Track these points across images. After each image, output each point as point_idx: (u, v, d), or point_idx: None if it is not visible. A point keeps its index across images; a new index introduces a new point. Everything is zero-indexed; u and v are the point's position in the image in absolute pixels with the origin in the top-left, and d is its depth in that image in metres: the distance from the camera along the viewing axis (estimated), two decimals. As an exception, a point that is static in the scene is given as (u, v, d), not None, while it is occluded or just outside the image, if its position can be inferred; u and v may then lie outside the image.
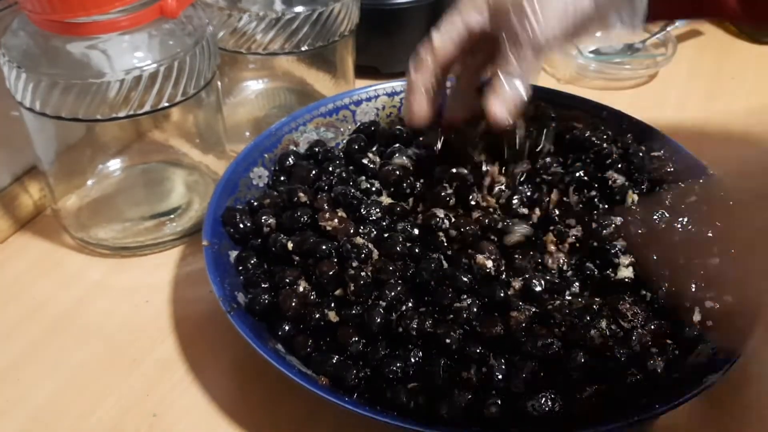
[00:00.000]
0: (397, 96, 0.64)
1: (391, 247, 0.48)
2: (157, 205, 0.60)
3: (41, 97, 0.48)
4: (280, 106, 0.72)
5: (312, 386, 0.41)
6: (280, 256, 0.50)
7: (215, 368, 0.49)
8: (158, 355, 0.49)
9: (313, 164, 0.57)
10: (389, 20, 0.74)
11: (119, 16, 0.47)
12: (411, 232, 0.50)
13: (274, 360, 0.42)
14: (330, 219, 0.50)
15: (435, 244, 0.49)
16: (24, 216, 0.60)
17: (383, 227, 0.51)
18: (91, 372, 0.48)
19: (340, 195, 0.52)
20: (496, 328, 0.44)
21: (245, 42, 0.60)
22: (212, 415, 0.46)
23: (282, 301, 0.46)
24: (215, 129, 0.60)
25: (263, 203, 0.54)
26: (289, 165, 0.57)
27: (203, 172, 0.62)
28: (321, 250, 0.48)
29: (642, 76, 0.80)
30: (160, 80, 0.49)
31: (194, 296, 0.53)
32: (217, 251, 0.50)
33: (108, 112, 0.49)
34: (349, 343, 0.45)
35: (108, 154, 0.62)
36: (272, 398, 0.46)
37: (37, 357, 0.49)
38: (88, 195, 0.60)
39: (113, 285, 0.55)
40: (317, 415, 0.45)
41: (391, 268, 0.47)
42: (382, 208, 0.52)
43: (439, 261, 0.48)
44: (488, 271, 0.47)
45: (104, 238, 0.57)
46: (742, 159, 0.41)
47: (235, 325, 0.44)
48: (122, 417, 0.45)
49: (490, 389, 0.42)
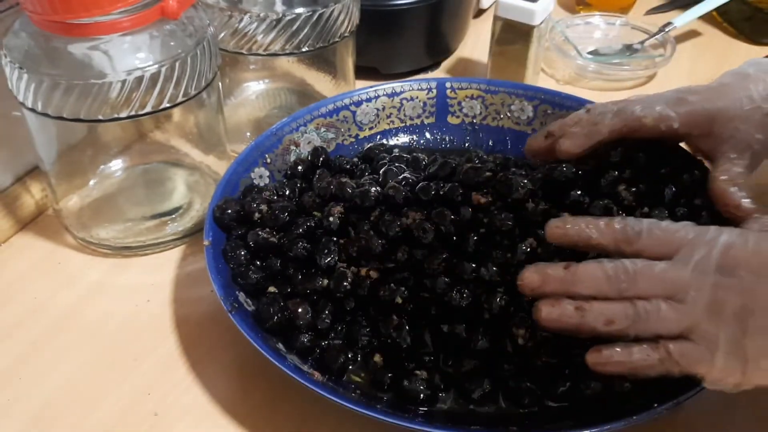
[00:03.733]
0: (397, 97, 0.64)
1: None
2: (159, 205, 0.60)
3: (43, 98, 0.48)
4: (281, 106, 0.72)
5: (312, 385, 0.41)
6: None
7: (216, 367, 0.49)
8: (159, 355, 0.50)
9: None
10: (389, 21, 0.74)
11: (121, 17, 0.47)
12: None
13: (274, 359, 0.42)
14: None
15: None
16: (26, 216, 0.60)
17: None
18: (92, 371, 0.49)
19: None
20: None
21: (246, 43, 0.60)
22: (213, 414, 0.46)
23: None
24: (216, 129, 0.60)
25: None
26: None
27: (204, 173, 0.62)
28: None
29: (641, 76, 0.80)
30: (162, 81, 0.49)
31: (195, 296, 0.54)
32: (218, 251, 0.50)
33: (109, 113, 0.49)
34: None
35: (109, 155, 0.62)
36: (273, 397, 0.46)
37: (38, 356, 0.50)
38: (90, 195, 0.60)
39: (114, 284, 0.55)
40: (318, 414, 0.45)
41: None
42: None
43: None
44: None
45: (105, 238, 0.57)
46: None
47: (236, 324, 0.44)
48: (123, 416, 0.46)
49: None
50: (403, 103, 0.64)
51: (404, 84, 0.64)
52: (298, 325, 0.46)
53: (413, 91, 0.64)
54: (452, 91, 0.65)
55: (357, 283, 0.47)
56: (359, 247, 0.48)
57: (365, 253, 0.48)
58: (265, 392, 0.47)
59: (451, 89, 0.65)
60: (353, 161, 0.59)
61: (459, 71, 0.81)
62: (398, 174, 0.54)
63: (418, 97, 0.65)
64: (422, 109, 0.65)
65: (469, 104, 0.65)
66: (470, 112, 0.65)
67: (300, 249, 0.49)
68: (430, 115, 0.65)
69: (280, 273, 0.50)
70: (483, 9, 0.90)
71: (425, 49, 0.78)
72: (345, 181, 0.52)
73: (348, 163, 0.58)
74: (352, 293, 0.47)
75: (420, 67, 0.79)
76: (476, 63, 0.82)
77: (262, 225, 0.51)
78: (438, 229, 0.48)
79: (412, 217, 0.49)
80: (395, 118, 0.64)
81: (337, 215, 0.50)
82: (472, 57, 0.84)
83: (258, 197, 0.53)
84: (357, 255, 0.48)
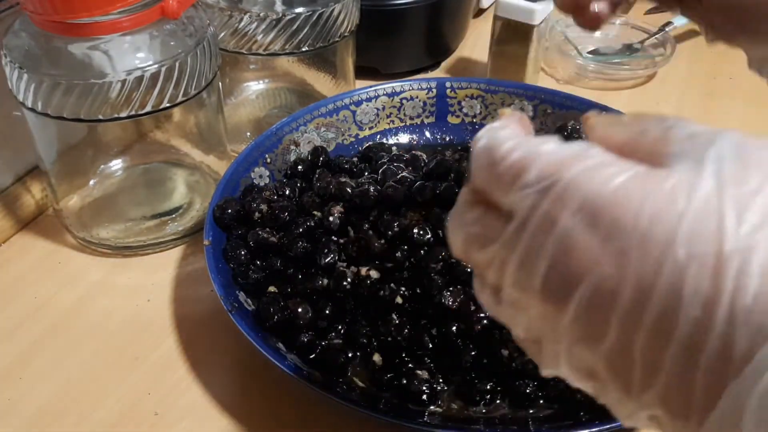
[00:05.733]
0: (397, 96, 0.64)
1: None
2: (159, 204, 0.60)
3: (43, 98, 0.48)
4: (281, 106, 0.72)
5: (312, 385, 0.41)
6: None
7: (216, 367, 0.49)
8: (160, 354, 0.50)
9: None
10: (389, 21, 0.74)
11: (121, 17, 0.47)
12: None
13: (274, 359, 0.42)
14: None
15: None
16: (26, 216, 0.60)
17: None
18: (92, 371, 0.49)
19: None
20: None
21: (246, 43, 0.60)
22: (213, 414, 0.46)
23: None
24: (216, 129, 0.60)
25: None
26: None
27: (204, 172, 0.62)
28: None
29: (641, 76, 0.80)
30: (162, 81, 0.49)
31: (195, 295, 0.54)
32: (218, 250, 0.50)
33: (110, 113, 0.49)
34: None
35: (110, 154, 0.62)
36: (273, 397, 0.46)
37: (38, 356, 0.50)
38: (90, 195, 0.60)
39: (115, 284, 0.55)
40: (318, 413, 0.45)
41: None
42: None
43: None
44: None
45: (106, 238, 0.57)
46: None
47: (236, 324, 0.44)
48: (124, 415, 0.46)
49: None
50: (403, 103, 0.64)
51: (404, 84, 0.64)
52: (298, 325, 0.46)
53: (413, 90, 0.64)
54: (452, 90, 0.65)
55: (357, 283, 0.47)
56: (359, 246, 0.48)
57: (365, 253, 0.48)
58: (266, 391, 0.47)
59: (451, 89, 0.65)
60: (353, 161, 0.59)
61: (459, 71, 0.81)
62: (397, 173, 0.54)
63: (418, 97, 0.65)
64: (422, 108, 0.65)
65: (469, 104, 0.65)
66: (470, 111, 0.65)
67: (300, 249, 0.49)
68: (430, 115, 0.65)
69: (281, 273, 0.50)
70: (483, 9, 0.90)
71: (425, 49, 0.78)
72: (345, 180, 0.52)
73: (348, 163, 0.58)
74: (352, 293, 0.47)
75: (420, 67, 0.79)
76: (476, 63, 0.82)
77: (262, 225, 0.51)
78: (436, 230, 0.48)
79: (410, 217, 0.49)
80: (395, 117, 0.64)
81: (337, 215, 0.50)
82: (472, 57, 0.84)
83: (258, 197, 0.53)
84: (357, 255, 0.48)
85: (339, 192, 0.51)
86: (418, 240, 0.47)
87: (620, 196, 0.21)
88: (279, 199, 0.54)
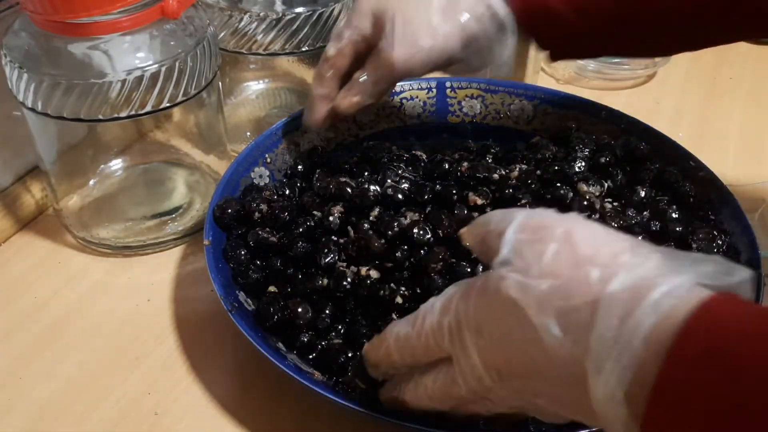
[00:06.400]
0: (397, 96, 0.64)
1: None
2: (159, 204, 0.60)
3: (43, 98, 0.48)
4: (281, 106, 0.72)
5: (313, 385, 0.41)
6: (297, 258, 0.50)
7: (216, 367, 0.49)
8: (160, 354, 0.50)
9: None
10: (389, 21, 0.74)
11: (121, 17, 0.47)
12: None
13: (274, 359, 0.42)
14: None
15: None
16: (26, 215, 0.60)
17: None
18: (92, 371, 0.49)
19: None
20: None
21: (246, 42, 0.60)
22: (213, 414, 0.46)
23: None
24: (216, 129, 0.60)
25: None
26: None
27: (204, 172, 0.62)
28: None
29: (641, 76, 0.80)
30: (162, 80, 0.49)
31: (195, 295, 0.54)
32: (218, 250, 0.50)
33: (110, 113, 0.49)
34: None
35: (110, 154, 0.62)
36: (273, 397, 0.46)
37: (38, 356, 0.50)
38: (90, 195, 0.60)
39: (115, 284, 0.55)
40: (318, 413, 0.45)
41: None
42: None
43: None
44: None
45: (106, 238, 0.57)
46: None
47: (236, 324, 0.44)
48: (124, 415, 0.46)
49: None
50: (403, 103, 0.64)
51: (404, 83, 0.64)
52: (298, 325, 0.46)
53: (413, 90, 0.64)
54: (452, 90, 0.65)
55: (357, 282, 0.47)
56: (359, 246, 0.48)
57: (365, 253, 0.48)
58: (266, 391, 0.47)
59: (450, 89, 0.65)
60: (353, 161, 0.59)
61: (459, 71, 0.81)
62: (397, 172, 0.54)
63: (418, 97, 0.65)
64: (422, 108, 0.65)
65: (469, 104, 0.65)
66: (470, 111, 0.65)
67: (300, 249, 0.49)
68: (430, 115, 0.65)
69: (281, 273, 0.50)
70: (483, 8, 0.90)
71: (425, 49, 0.78)
72: (344, 180, 0.52)
73: (347, 163, 0.58)
74: (352, 293, 0.47)
75: (420, 67, 0.79)
76: (476, 62, 0.82)
77: (262, 225, 0.51)
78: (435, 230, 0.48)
79: (410, 217, 0.49)
80: (395, 117, 0.64)
81: (337, 215, 0.50)
82: (472, 56, 0.83)
83: (258, 197, 0.53)
84: (357, 255, 0.48)
85: (339, 192, 0.51)
86: (418, 240, 0.48)
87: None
88: (279, 199, 0.54)
